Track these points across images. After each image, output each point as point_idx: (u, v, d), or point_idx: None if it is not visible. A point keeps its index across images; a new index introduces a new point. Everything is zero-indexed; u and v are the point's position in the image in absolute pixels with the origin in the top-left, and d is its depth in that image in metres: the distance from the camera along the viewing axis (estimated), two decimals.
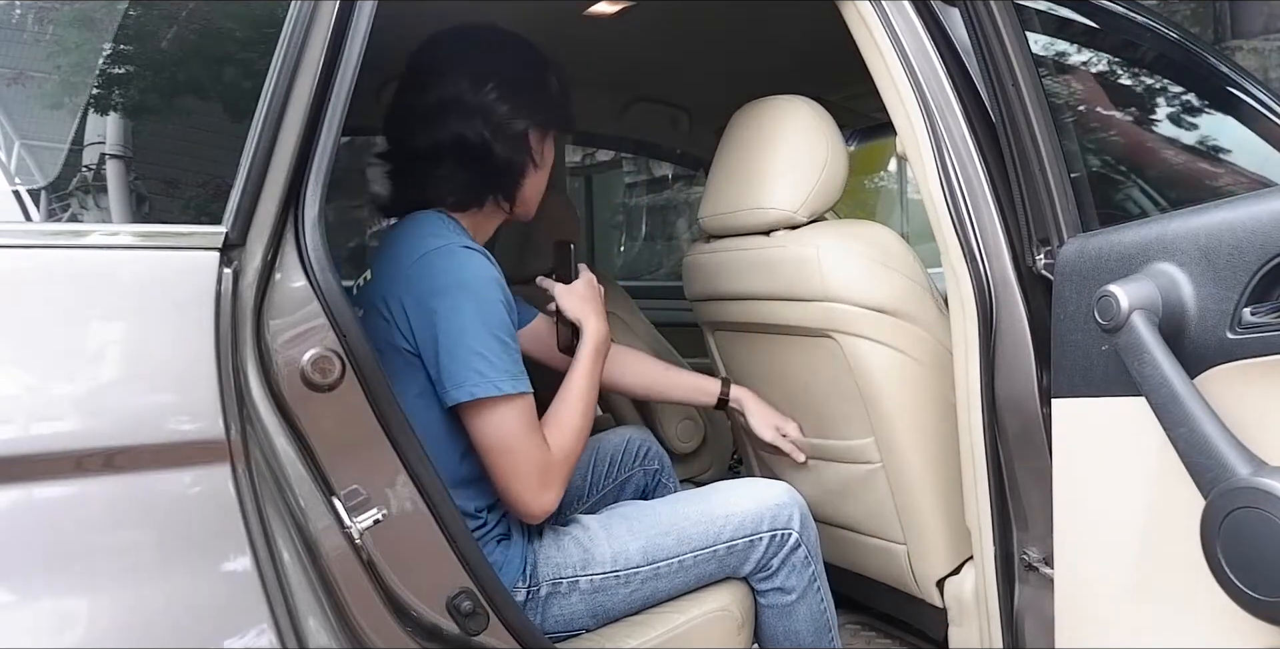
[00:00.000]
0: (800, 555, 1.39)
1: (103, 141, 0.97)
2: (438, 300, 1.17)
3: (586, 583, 1.29)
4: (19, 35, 0.98)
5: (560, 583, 1.28)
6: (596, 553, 1.30)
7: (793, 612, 1.41)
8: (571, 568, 1.29)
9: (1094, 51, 1.75)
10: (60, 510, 0.83)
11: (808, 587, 1.40)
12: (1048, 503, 1.18)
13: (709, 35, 2.14)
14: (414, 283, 1.20)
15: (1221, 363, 0.94)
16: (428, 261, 1.20)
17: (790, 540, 1.37)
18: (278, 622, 0.88)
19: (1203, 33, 2.70)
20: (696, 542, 1.33)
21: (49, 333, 0.84)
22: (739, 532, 1.34)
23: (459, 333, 1.16)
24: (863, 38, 1.40)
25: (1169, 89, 1.81)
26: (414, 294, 1.19)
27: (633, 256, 4.69)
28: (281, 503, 0.93)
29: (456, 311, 1.17)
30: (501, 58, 1.34)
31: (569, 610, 1.29)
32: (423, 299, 1.18)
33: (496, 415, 1.17)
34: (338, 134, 0.98)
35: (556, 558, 1.30)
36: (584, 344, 1.33)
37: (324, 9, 0.97)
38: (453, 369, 1.16)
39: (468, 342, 1.16)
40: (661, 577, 1.31)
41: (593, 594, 1.29)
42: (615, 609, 1.31)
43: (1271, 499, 0.84)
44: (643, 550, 1.31)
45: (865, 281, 1.48)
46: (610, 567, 1.29)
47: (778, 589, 1.39)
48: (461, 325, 1.16)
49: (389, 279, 1.24)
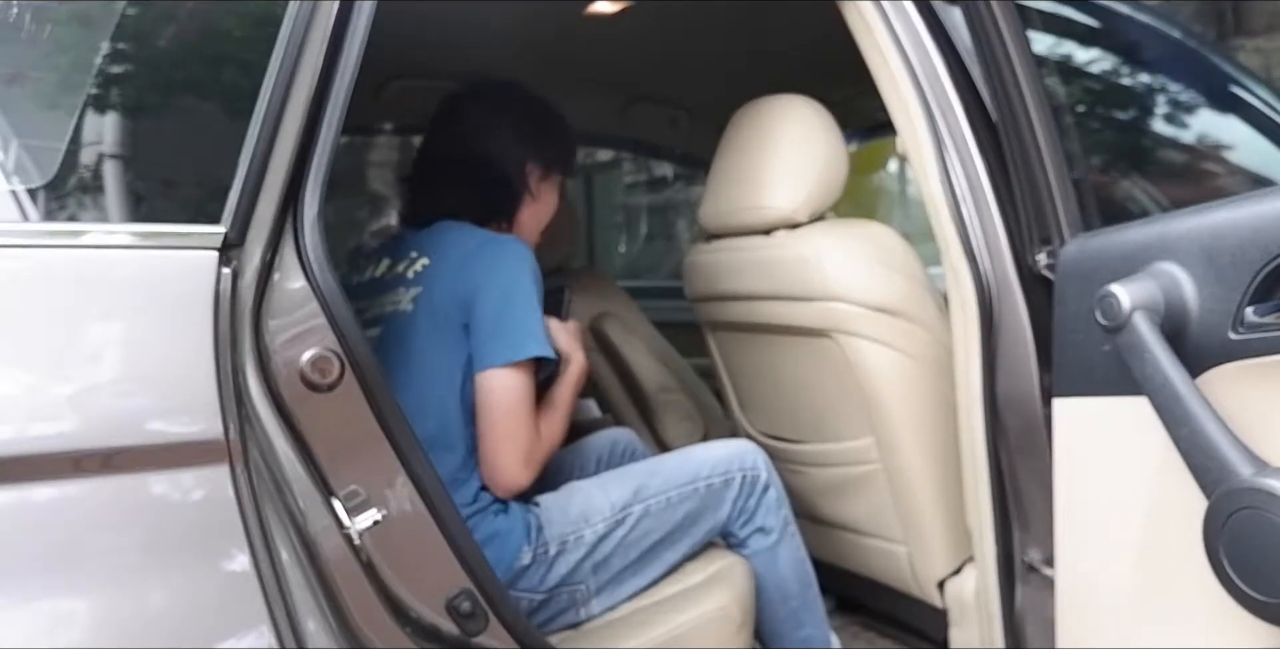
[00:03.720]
0: (772, 496, 1.51)
1: (101, 141, 0.97)
2: (507, 278, 1.34)
3: (590, 534, 1.38)
4: (16, 34, 0.98)
5: (566, 541, 1.36)
6: (595, 504, 1.40)
7: (776, 556, 1.51)
8: (574, 525, 1.38)
9: (1095, 51, 1.75)
10: (58, 511, 0.83)
11: (784, 529, 1.52)
12: (1049, 503, 1.18)
13: (709, 35, 2.14)
14: (480, 262, 1.36)
15: (1223, 363, 0.94)
16: (492, 248, 1.38)
17: (761, 480, 1.50)
18: (276, 623, 0.88)
19: (1206, 31, 2.69)
20: (679, 480, 1.45)
21: (47, 333, 0.84)
22: (714, 471, 1.47)
23: (522, 303, 1.33)
24: (863, 37, 1.40)
25: (1171, 88, 1.80)
26: (479, 272, 1.35)
27: (633, 256, 4.68)
28: (280, 503, 0.93)
29: (518, 288, 1.33)
30: (519, 104, 1.55)
31: (573, 565, 1.37)
32: (489, 276, 1.34)
33: (523, 379, 1.31)
34: (337, 134, 0.98)
35: (559, 518, 1.38)
36: (571, 370, 1.46)
37: (323, 9, 0.97)
38: (514, 333, 1.31)
39: (527, 312, 1.33)
40: (651, 514, 1.42)
41: (594, 544, 1.38)
42: (613, 557, 1.39)
43: (1274, 500, 0.84)
44: (633, 491, 1.42)
45: (866, 281, 1.47)
46: (608, 513, 1.40)
47: (759, 530, 1.51)
48: (522, 299, 1.33)
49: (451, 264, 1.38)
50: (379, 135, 3.00)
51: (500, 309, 1.32)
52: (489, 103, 1.53)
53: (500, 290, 1.33)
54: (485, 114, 1.52)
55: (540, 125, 1.54)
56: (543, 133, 1.54)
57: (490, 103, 1.53)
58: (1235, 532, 0.87)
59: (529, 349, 1.30)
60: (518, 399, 1.30)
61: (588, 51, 2.21)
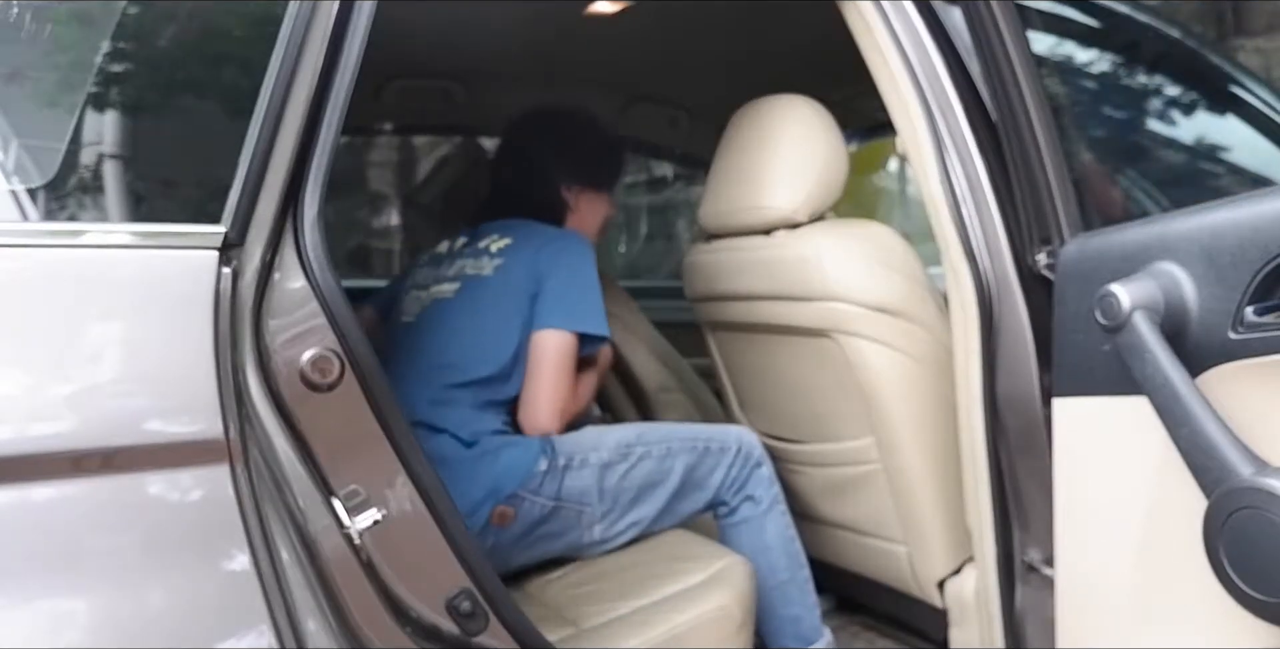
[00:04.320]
0: (764, 472, 1.64)
1: (101, 141, 0.97)
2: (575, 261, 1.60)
3: (596, 458, 1.55)
4: (16, 33, 0.98)
5: (574, 458, 1.54)
6: (605, 440, 1.58)
7: (763, 526, 1.63)
8: (583, 448, 1.55)
9: (1095, 51, 1.75)
10: (57, 511, 0.83)
11: (773, 503, 1.64)
12: (1048, 503, 1.18)
13: (709, 35, 2.14)
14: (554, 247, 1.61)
15: (1223, 362, 0.94)
16: (564, 240, 1.64)
17: (754, 456, 1.64)
18: (276, 622, 0.88)
19: (1205, 31, 2.69)
20: (681, 434, 1.63)
21: (47, 333, 0.84)
22: (712, 440, 1.63)
23: (585, 285, 1.58)
24: (863, 37, 1.40)
25: (1171, 88, 1.80)
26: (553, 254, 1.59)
27: (633, 256, 4.68)
28: (280, 503, 0.93)
29: (583, 271, 1.59)
30: (563, 132, 1.80)
31: (582, 482, 1.54)
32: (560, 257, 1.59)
33: (574, 345, 1.54)
34: (337, 133, 0.98)
35: (571, 441, 1.56)
36: (604, 353, 1.72)
37: (323, 9, 0.97)
38: (577, 308, 1.56)
39: (589, 293, 1.58)
40: (653, 457, 1.58)
41: (601, 469, 1.55)
42: (618, 489, 1.56)
43: (1274, 500, 0.84)
44: (638, 434, 1.61)
45: (866, 281, 1.47)
46: (613, 446, 1.57)
47: (749, 498, 1.63)
48: (586, 282, 1.58)
49: (532, 245, 1.62)
50: (379, 135, 3.00)
51: (568, 285, 1.56)
52: (534, 130, 1.80)
53: (569, 271, 1.57)
54: (529, 141, 1.80)
55: (580, 151, 1.78)
56: (581, 157, 1.78)
57: (535, 130, 1.80)
58: (1235, 531, 0.87)
59: (590, 325, 1.55)
60: (568, 359, 1.53)
61: (588, 51, 2.21)
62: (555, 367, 1.53)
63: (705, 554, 1.53)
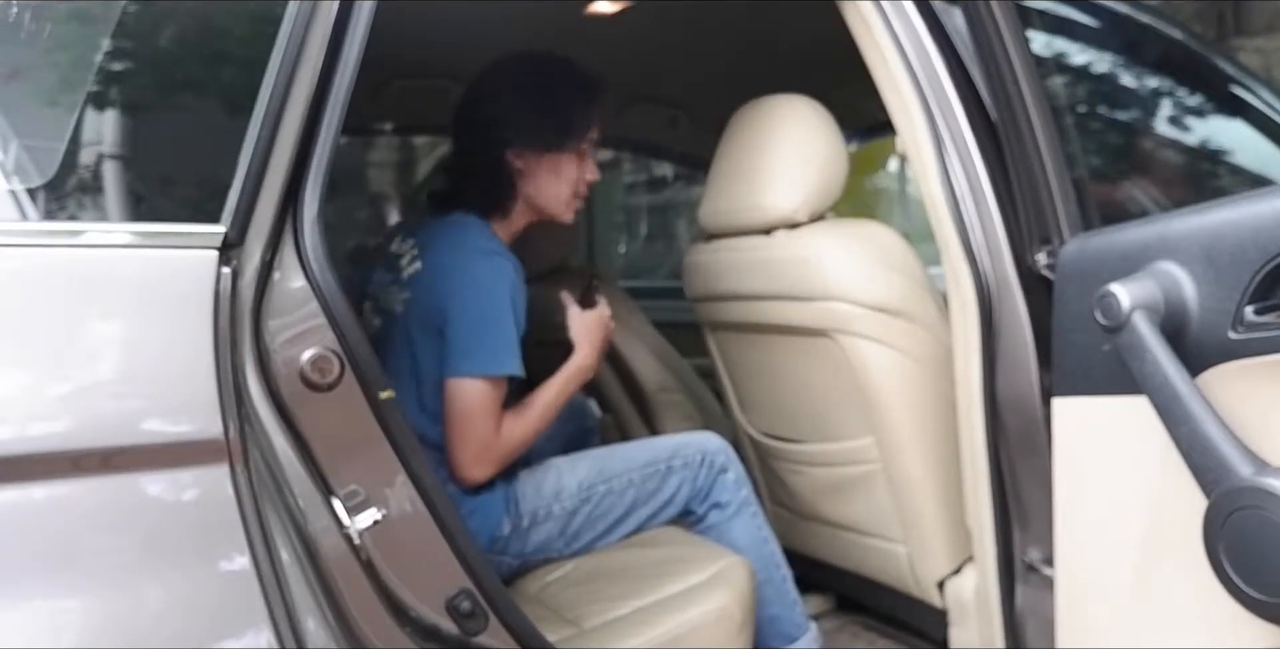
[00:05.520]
0: (730, 477, 1.63)
1: (101, 140, 0.97)
2: (477, 293, 1.41)
3: (560, 509, 1.53)
4: (16, 33, 0.98)
5: (538, 512, 1.51)
6: (566, 484, 1.54)
7: (730, 529, 1.62)
8: (545, 501, 1.52)
9: (1095, 51, 1.75)
10: (57, 511, 0.83)
11: (741, 506, 1.63)
12: (1048, 503, 1.18)
13: (709, 35, 2.14)
14: (459, 275, 1.43)
15: (1223, 362, 0.94)
16: (475, 261, 1.44)
17: (718, 464, 1.62)
18: (276, 622, 0.88)
19: (1206, 31, 2.69)
20: (642, 461, 1.59)
21: (47, 332, 0.84)
22: (675, 455, 1.61)
23: (487, 318, 1.40)
24: (863, 37, 1.40)
25: (1171, 88, 1.80)
26: (457, 285, 1.42)
27: (633, 257, 4.68)
28: (280, 503, 0.93)
29: (486, 303, 1.41)
30: (508, 88, 1.54)
31: (547, 534, 1.53)
32: (460, 292, 1.41)
33: (482, 389, 1.39)
34: (337, 133, 0.98)
35: (533, 494, 1.52)
36: (568, 365, 1.53)
37: (323, 9, 0.97)
38: (481, 348, 1.40)
39: (492, 327, 1.40)
40: (615, 492, 1.56)
41: (565, 517, 1.53)
42: (582, 529, 1.55)
43: (1274, 500, 0.84)
44: (599, 470, 1.57)
45: (866, 281, 1.47)
46: (576, 491, 1.54)
47: (715, 505, 1.62)
48: (489, 314, 1.40)
49: (436, 272, 1.46)
50: (379, 135, 3.00)
51: (472, 321, 1.40)
52: (486, 84, 1.56)
53: (473, 306, 1.40)
54: (471, 105, 1.56)
55: (531, 104, 1.52)
56: (533, 112, 1.52)
57: (487, 84, 1.56)
58: (1235, 531, 0.87)
59: (498, 364, 1.39)
60: (470, 407, 1.39)
61: (588, 51, 2.21)
62: (460, 418, 1.39)
63: (705, 554, 1.53)
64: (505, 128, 1.52)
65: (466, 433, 1.39)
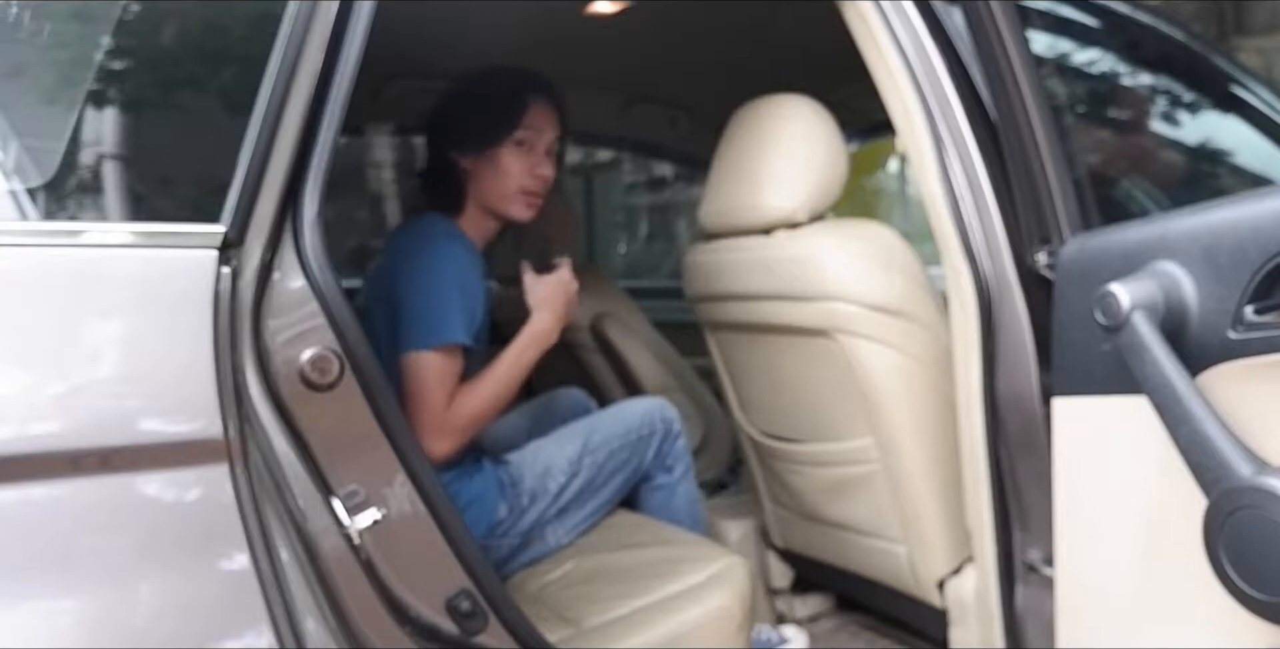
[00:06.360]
0: (680, 444, 1.80)
1: (101, 140, 0.97)
2: (422, 272, 1.45)
3: (554, 484, 1.64)
4: (16, 32, 0.98)
5: (535, 493, 1.61)
6: (556, 460, 1.65)
7: (675, 491, 1.79)
8: (540, 480, 1.62)
9: (1095, 50, 1.75)
10: (57, 510, 0.83)
11: (685, 471, 1.81)
12: (1048, 503, 1.18)
13: (709, 35, 2.14)
14: (404, 258, 1.48)
15: (1223, 362, 0.94)
16: (421, 243, 1.51)
17: (674, 430, 1.79)
18: (276, 622, 0.88)
19: (1206, 31, 2.69)
20: (617, 431, 1.73)
21: (46, 332, 0.84)
22: (642, 423, 1.75)
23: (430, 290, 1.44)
24: (863, 37, 1.40)
25: (1171, 88, 1.80)
26: (401, 265, 1.47)
27: (633, 257, 4.69)
28: (280, 503, 0.93)
29: (429, 277, 1.45)
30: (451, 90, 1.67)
31: (541, 509, 1.62)
32: (407, 271, 1.46)
33: (423, 363, 1.41)
34: (336, 133, 0.98)
35: (528, 475, 1.62)
36: (524, 332, 1.53)
37: (323, 9, 0.97)
38: (425, 320, 1.42)
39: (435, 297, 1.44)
40: (598, 464, 1.69)
41: (557, 494, 1.64)
42: (571, 503, 1.66)
43: (1274, 500, 0.84)
44: (584, 443, 1.69)
45: (866, 281, 1.47)
46: (565, 467, 1.65)
47: (665, 469, 1.79)
48: (433, 286, 1.44)
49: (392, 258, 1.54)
50: (379, 135, 3.00)
51: (414, 295, 1.44)
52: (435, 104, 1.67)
53: (418, 282, 1.44)
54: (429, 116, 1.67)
55: (457, 111, 1.63)
56: (458, 117, 1.62)
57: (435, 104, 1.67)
58: (1235, 531, 0.87)
59: (443, 334, 1.42)
60: (421, 380, 1.41)
61: (588, 51, 2.21)
62: (416, 388, 1.40)
63: (705, 554, 1.53)
64: (445, 131, 1.63)
65: (419, 406, 1.40)
